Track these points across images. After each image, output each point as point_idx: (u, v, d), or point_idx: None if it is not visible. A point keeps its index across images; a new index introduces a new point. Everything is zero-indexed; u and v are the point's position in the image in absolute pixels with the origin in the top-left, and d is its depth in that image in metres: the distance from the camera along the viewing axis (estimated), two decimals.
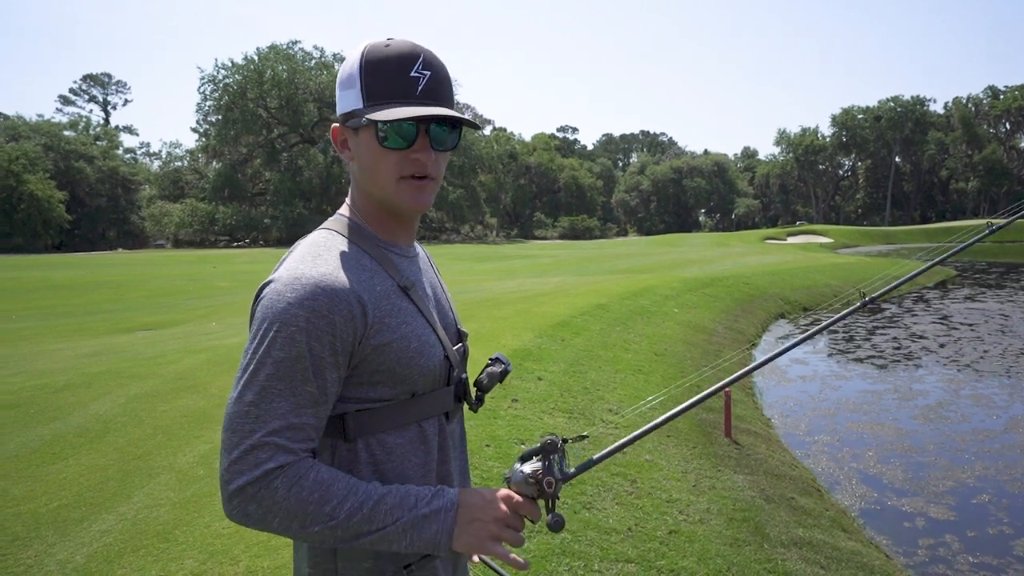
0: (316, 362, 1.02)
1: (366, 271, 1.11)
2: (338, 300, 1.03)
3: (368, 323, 1.06)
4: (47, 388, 6.22)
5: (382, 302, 1.10)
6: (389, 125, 1.09)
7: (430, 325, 1.17)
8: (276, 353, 1.01)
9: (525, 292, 13.28)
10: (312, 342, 1.01)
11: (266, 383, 1.00)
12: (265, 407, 1.00)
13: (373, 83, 1.10)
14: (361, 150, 1.14)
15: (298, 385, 1.01)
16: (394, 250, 1.19)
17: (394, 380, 1.11)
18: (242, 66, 55.54)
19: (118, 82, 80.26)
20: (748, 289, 15.78)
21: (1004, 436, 6.74)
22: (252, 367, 1.02)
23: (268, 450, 0.99)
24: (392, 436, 1.12)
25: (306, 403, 1.02)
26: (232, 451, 0.99)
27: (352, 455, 1.10)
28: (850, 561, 3.96)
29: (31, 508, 3.77)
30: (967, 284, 21.17)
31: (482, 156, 62.16)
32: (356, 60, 1.12)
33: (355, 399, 1.09)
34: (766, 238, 47.56)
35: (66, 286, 19.66)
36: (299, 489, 0.99)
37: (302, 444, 1.02)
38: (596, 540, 3.46)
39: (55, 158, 52.69)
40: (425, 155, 1.12)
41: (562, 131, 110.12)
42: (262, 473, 0.98)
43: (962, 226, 59.32)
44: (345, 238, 1.15)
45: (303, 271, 1.05)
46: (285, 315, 1.01)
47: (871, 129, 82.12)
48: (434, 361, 1.15)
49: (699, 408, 6.65)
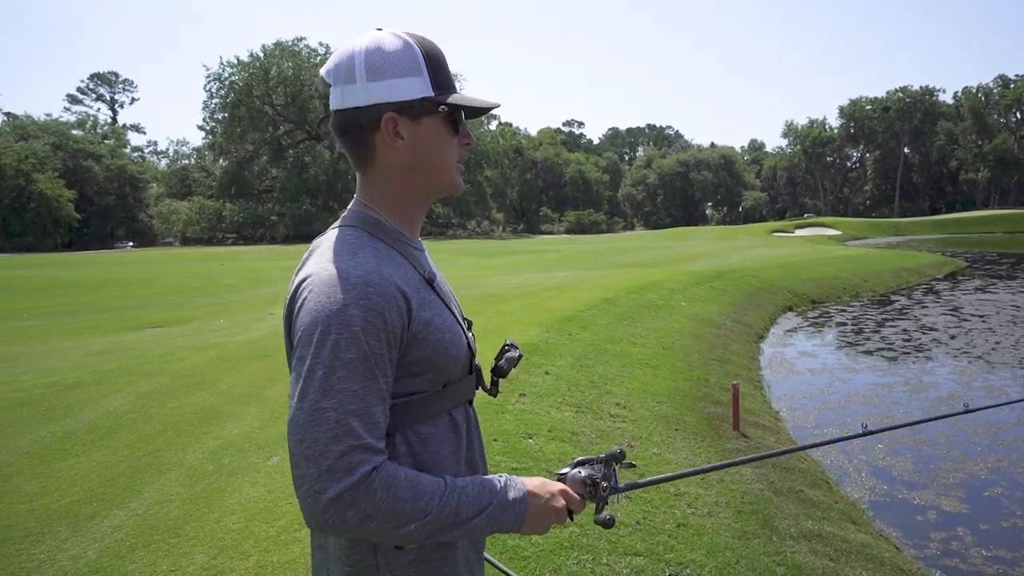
0: (379, 360, 1.03)
1: (400, 265, 1.12)
2: (388, 295, 1.04)
3: (412, 316, 1.08)
4: (58, 386, 6.26)
5: (416, 295, 1.11)
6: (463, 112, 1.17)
7: (454, 315, 1.20)
8: (344, 355, 1.00)
9: (532, 287, 13.26)
10: (371, 340, 1.01)
11: (341, 386, 0.99)
12: (344, 410, 0.99)
13: (437, 73, 1.13)
14: (425, 137, 1.14)
15: (370, 384, 1.01)
16: (412, 245, 1.20)
17: (432, 370, 1.12)
18: (248, 64, 55.70)
19: (125, 81, 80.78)
20: (756, 282, 15.71)
21: (1017, 428, 6.69)
22: (322, 372, 1.00)
23: (359, 453, 0.98)
24: (427, 427, 1.14)
25: (378, 401, 1.03)
26: (320, 460, 0.97)
27: (392, 448, 1.10)
28: (860, 553, 3.94)
29: (43, 504, 3.80)
30: (978, 275, 21.00)
31: (488, 151, 62.16)
32: (414, 48, 1.12)
33: (396, 393, 1.10)
34: (774, 231, 47.35)
35: (75, 284, 19.79)
36: (396, 489, 1.00)
37: (383, 443, 1.03)
38: (604, 534, 3.45)
39: (63, 157, 53.04)
40: (470, 139, 1.21)
41: (568, 125, 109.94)
42: (360, 477, 0.98)
43: (972, 217, 58.98)
44: (370, 234, 1.14)
45: (347, 269, 1.04)
46: (343, 315, 1.00)
47: (879, 120, 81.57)
48: (463, 350, 1.19)
49: (707, 402, 6.63)
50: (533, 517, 1.13)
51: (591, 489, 1.20)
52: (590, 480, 1.20)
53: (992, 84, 79.38)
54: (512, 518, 1.11)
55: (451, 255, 30.12)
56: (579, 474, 1.20)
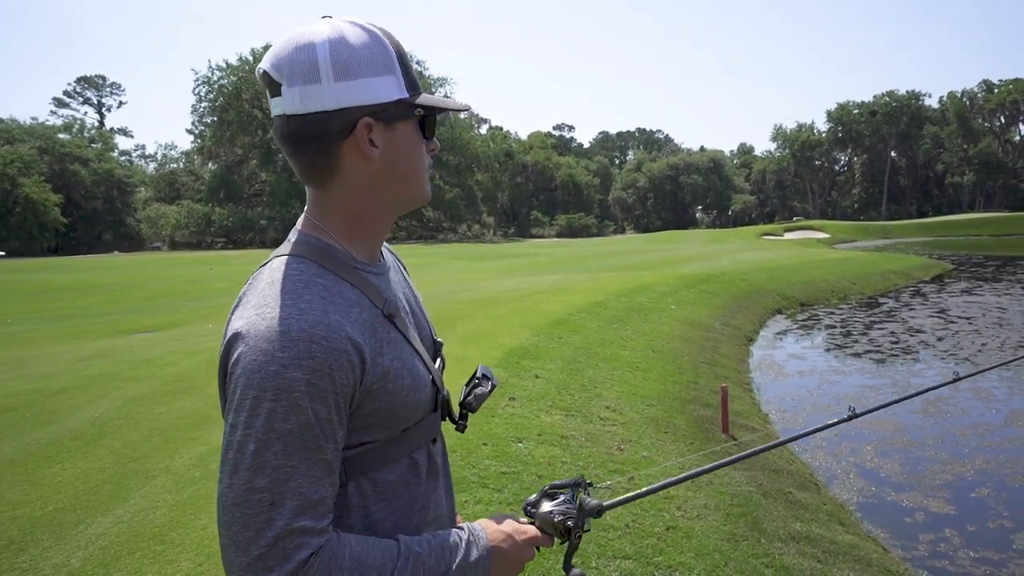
0: (324, 426, 0.89)
1: (353, 305, 0.97)
2: (336, 352, 0.90)
3: (366, 368, 0.95)
4: (44, 391, 6.20)
5: (372, 340, 0.97)
6: (433, 115, 1.03)
7: (416, 352, 1.07)
8: (280, 426, 0.87)
9: (523, 290, 13.26)
10: (317, 406, 0.88)
11: (277, 462, 0.87)
12: (281, 490, 0.86)
13: (406, 70, 0.99)
14: (400, 144, 1.01)
15: (312, 456, 0.88)
16: (371, 270, 1.05)
17: (390, 421, 1.01)
18: (237, 67, 55.49)
19: (112, 84, 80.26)
20: (745, 285, 15.79)
21: (1004, 430, 6.74)
22: (254, 446, 0.87)
23: (295, 537, 0.86)
24: (383, 473, 1.02)
25: (323, 473, 0.90)
26: (250, 548, 0.85)
27: (342, 499, 0.99)
28: (847, 555, 3.95)
29: (27, 512, 3.75)
30: (964, 278, 21.20)
31: (479, 155, 62.20)
32: (384, 41, 0.98)
33: (348, 446, 0.98)
34: (763, 234, 47.59)
35: (63, 289, 19.61)
36: (338, 572, 0.89)
37: (326, 520, 0.90)
38: (593, 537, 3.45)
39: (50, 161, 52.60)
40: (436, 146, 1.07)
41: (558, 129, 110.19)
42: (295, 566, 0.86)
43: (958, 220, 59.54)
44: (319, 266, 0.98)
45: (289, 320, 0.89)
46: (280, 379, 0.87)
47: (867, 124, 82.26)
48: (425, 393, 1.06)
49: (697, 404, 6.65)
50: (499, 569, 1.04)
51: (563, 532, 1.11)
52: (562, 526, 1.11)
53: (977, 89, 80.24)
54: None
55: (442, 259, 30.09)
56: (551, 516, 1.11)
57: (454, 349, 7.56)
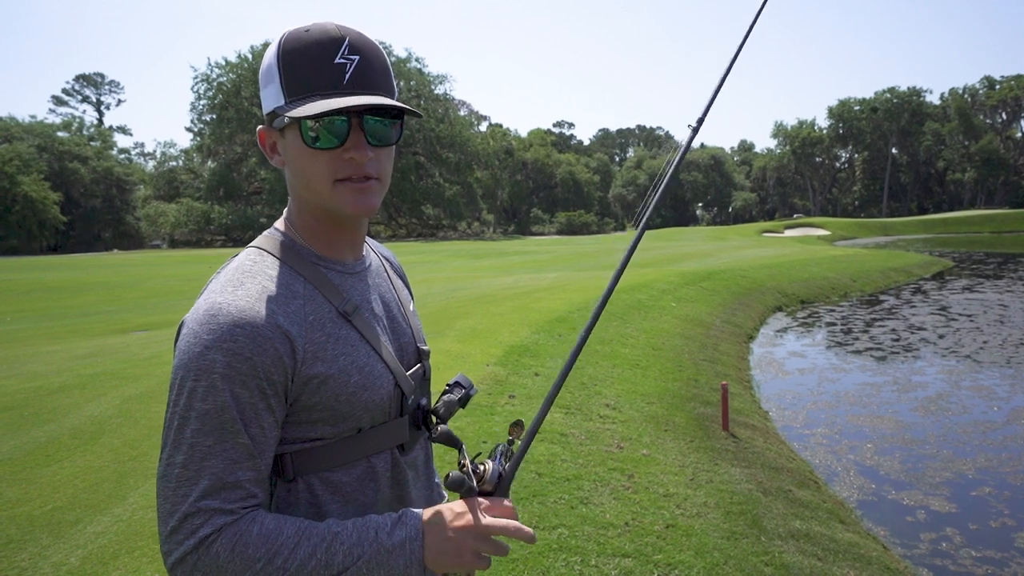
0: (244, 410, 0.91)
1: (297, 298, 0.99)
2: (259, 338, 0.92)
3: (298, 359, 0.95)
4: (42, 390, 6.18)
5: (315, 333, 0.98)
6: (317, 122, 0.96)
7: (376, 352, 1.05)
8: (199, 405, 0.90)
9: (522, 288, 13.25)
10: (236, 388, 0.91)
11: (193, 440, 0.90)
12: (195, 468, 0.90)
13: (293, 75, 0.98)
14: (289, 153, 1.01)
15: (228, 439, 0.91)
16: (335, 267, 1.06)
17: (335, 418, 1.00)
18: (236, 64, 55.37)
19: (111, 82, 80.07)
20: (745, 283, 15.77)
21: (1006, 428, 6.73)
22: (176, 423, 0.91)
23: (201, 516, 0.89)
24: (337, 474, 1.02)
25: (240, 457, 0.92)
26: (168, 520, 0.90)
27: (292, 495, 1.00)
28: (847, 553, 3.94)
29: (26, 511, 3.74)
30: (965, 275, 21.18)
31: (478, 152, 62.07)
32: (273, 52, 1.00)
33: (293, 440, 0.99)
34: (763, 231, 47.55)
35: (61, 288, 19.60)
36: (243, 548, 0.90)
37: (240, 503, 0.92)
38: (593, 535, 3.44)
39: (49, 159, 52.57)
40: (360, 153, 0.98)
41: (558, 126, 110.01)
42: (197, 541, 0.89)
43: (959, 217, 59.50)
44: (276, 259, 1.02)
45: (221, 305, 0.93)
46: (202, 361, 0.90)
47: (868, 121, 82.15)
48: (380, 394, 1.04)
49: (697, 402, 6.64)
50: (440, 550, 0.96)
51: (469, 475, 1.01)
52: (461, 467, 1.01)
53: (978, 85, 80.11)
54: (404, 560, 0.94)
55: (442, 256, 30.08)
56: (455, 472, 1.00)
57: (453, 347, 7.55)
